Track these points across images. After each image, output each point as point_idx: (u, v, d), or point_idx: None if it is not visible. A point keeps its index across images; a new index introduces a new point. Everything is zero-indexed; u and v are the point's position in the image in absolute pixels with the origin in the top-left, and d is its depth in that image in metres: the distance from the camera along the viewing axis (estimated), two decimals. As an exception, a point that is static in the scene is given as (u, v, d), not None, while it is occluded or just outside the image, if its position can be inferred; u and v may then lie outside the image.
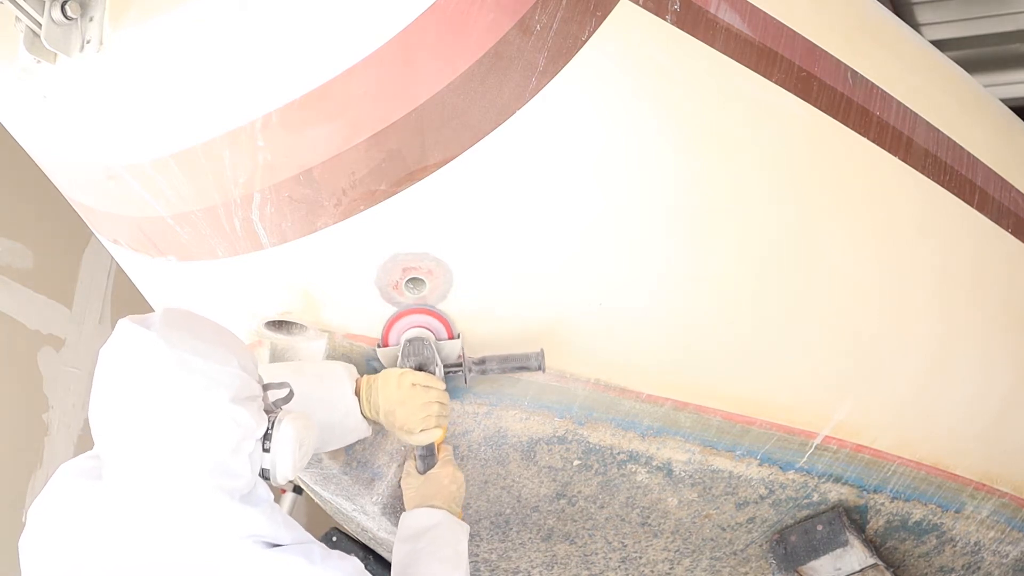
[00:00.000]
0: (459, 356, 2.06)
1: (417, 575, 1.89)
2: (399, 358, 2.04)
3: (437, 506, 2.03)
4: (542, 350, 2.07)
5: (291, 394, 1.72)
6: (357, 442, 2.16)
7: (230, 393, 1.57)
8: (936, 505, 2.88)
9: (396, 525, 2.13)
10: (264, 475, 1.66)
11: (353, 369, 2.04)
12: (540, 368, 2.07)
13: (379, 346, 2.07)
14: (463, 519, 2.06)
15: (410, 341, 2.03)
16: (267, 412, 1.66)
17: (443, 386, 2.03)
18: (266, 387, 1.69)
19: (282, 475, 1.66)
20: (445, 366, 2.04)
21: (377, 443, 2.18)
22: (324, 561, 1.64)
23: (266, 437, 1.64)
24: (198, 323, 1.65)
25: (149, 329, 1.58)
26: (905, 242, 2.54)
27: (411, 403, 1.99)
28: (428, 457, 2.07)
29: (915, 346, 2.63)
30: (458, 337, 2.06)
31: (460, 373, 2.06)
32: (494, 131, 1.86)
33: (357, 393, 2.01)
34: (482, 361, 2.08)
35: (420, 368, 2.03)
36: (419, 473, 2.08)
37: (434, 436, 2.03)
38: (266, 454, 1.64)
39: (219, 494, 1.59)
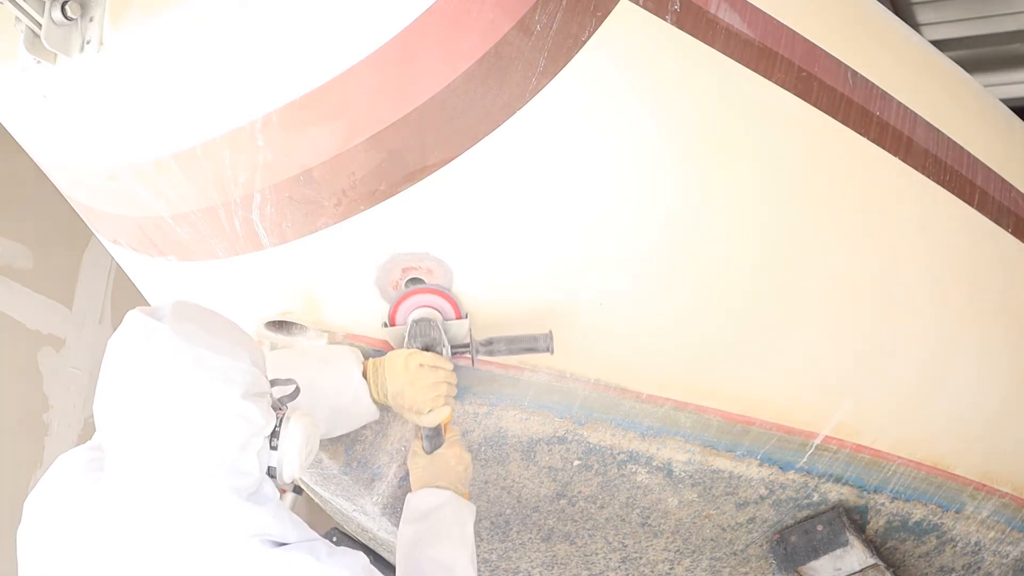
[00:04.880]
0: (466, 337, 2.04)
1: (423, 556, 1.88)
2: (406, 338, 2.02)
3: (443, 487, 2.01)
4: (550, 332, 2.04)
5: (297, 391, 1.71)
6: (357, 442, 2.16)
7: (241, 389, 1.55)
8: (936, 505, 2.88)
9: (396, 525, 2.12)
10: (270, 473, 1.64)
11: (359, 352, 2.03)
12: (548, 350, 2.04)
13: (385, 325, 2.06)
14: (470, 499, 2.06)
15: (417, 322, 2.01)
16: (274, 409, 1.65)
17: (450, 366, 2.02)
18: (272, 383, 1.67)
19: (289, 474, 1.64)
20: (452, 346, 2.03)
21: (377, 443, 2.18)
22: (331, 558, 1.63)
23: (273, 435, 1.63)
24: (209, 317, 1.63)
25: (160, 321, 1.56)
26: (905, 242, 2.54)
27: (419, 383, 1.98)
28: (435, 437, 2.05)
29: (915, 346, 2.63)
30: (466, 317, 2.04)
31: (467, 354, 2.04)
32: (494, 131, 1.86)
33: (364, 376, 2.01)
34: (489, 342, 2.05)
35: (427, 348, 2.01)
36: (425, 453, 2.06)
37: (443, 416, 2.02)
38: (273, 452, 1.62)
39: (227, 492, 1.57)
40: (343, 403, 1.98)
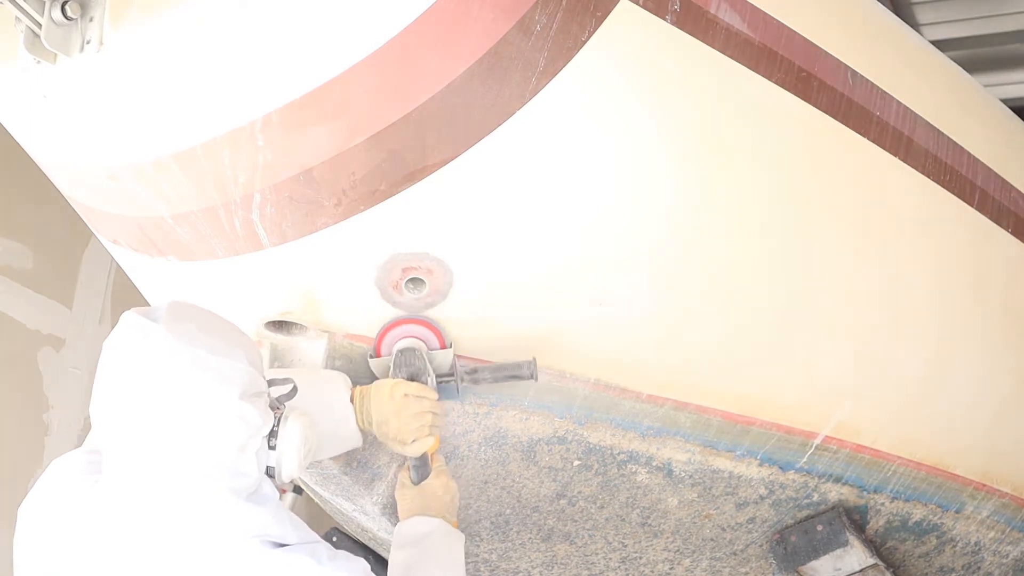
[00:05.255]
0: (451, 366, 2.06)
1: None
2: (391, 369, 2.03)
3: (432, 516, 2.02)
4: (534, 359, 2.07)
5: (294, 390, 1.71)
6: (357, 442, 2.16)
7: (238, 390, 1.54)
8: (936, 505, 2.88)
9: (396, 525, 2.12)
10: (269, 473, 1.64)
11: (348, 379, 2.04)
12: (532, 376, 2.07)
13: (371, 356, 2.07)
14: (460, 522, 2.06)
15: (401, 352, 2.02)
16: (271, 409, 1.65)
17: (435, 396, 2.02)
18: (269, 383, 1.67)
19: (287, 473, 1.64)
20: (437, 376, 2.04)
21: (377, 443, 2.18)
22: (332, 561, 1.62)
23: (271, 435, 1.62)
24: (205, 317, 1.63)
25: (156, 322, 1.55)
26: (905, 242, 2.55)
27: (404, 413, 1.98)
28: (422, 467, 2.07)
29: (915, 346, 2.63)
30: (450, 347, 2.06)
31: (452, 383, 2.06)
32: (494, 131, 1.86)
33: (351, 402, 2.01)
34: (474, 371, 2.08)
35: (412, 378, 2.02)
36: (413, 483, 2.07)
37: (427, 445, 2.02)
38: (271, 452, 1.62)
39: (226, 493, 1.57)
40: (331, 425, 1.97)
